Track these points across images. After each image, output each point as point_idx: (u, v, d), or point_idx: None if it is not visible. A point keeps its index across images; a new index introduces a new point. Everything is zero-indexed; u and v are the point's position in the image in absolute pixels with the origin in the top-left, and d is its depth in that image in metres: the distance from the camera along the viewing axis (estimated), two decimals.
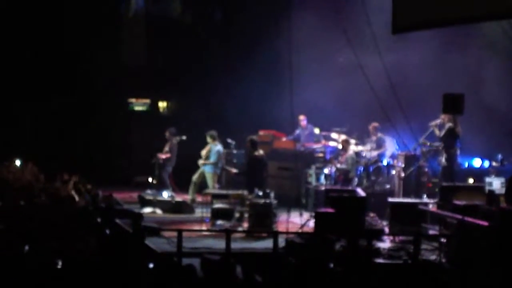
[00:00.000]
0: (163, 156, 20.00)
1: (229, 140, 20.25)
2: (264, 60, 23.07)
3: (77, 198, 16.01)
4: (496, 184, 16.22)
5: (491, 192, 15.29)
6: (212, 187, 18.97)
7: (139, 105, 26.31)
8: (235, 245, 13.84)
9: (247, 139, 18.36)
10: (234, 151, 20.42)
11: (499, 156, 17.39)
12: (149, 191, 19.68)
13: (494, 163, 17.55)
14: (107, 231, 12.88)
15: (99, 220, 13.89)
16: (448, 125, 17.68)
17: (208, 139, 19.36)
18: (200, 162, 19.32)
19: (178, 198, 19.43)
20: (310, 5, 21.66)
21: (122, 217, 15.27)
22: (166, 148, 20.19)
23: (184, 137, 19.74)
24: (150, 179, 20.59)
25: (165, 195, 19.41)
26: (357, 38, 18.89)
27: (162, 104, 26.69)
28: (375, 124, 19.42)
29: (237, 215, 16.71)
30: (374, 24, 18.24)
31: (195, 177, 19.53)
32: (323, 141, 20.71)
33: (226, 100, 23.59)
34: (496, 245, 12.79)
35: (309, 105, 20.97)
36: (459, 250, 13.44)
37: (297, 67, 20.09)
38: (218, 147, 19.35)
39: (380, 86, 18.03)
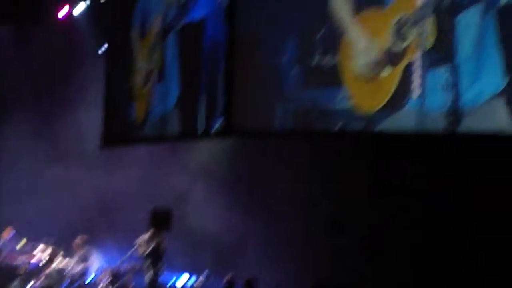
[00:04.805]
0: None
1: None
2: None
3: None
4: None
5: None
6: None
7: None
8: None
9: None
10: None
11: (206, 272, 17.85)
12: None
13: (201, 278, 17.98)
14: None
15: None
16: (155, 240, 17.93)
17: None
18: None
19: None
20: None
21: None
22: None
23: None
24: None
25: None
26: (67, 153, 18.99)
27: None
28: (81, 238, 19.28)
29: None
30: (85, 140, 18.48)
31: None
32: (29, 254, 20.23)
33: None
34: None
35: (18, 217, 20.49)
36: None
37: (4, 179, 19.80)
38: None
39: (89, 201, 18.11)
